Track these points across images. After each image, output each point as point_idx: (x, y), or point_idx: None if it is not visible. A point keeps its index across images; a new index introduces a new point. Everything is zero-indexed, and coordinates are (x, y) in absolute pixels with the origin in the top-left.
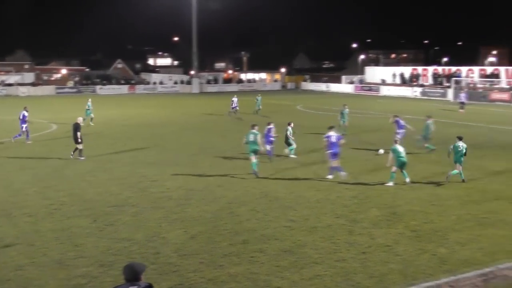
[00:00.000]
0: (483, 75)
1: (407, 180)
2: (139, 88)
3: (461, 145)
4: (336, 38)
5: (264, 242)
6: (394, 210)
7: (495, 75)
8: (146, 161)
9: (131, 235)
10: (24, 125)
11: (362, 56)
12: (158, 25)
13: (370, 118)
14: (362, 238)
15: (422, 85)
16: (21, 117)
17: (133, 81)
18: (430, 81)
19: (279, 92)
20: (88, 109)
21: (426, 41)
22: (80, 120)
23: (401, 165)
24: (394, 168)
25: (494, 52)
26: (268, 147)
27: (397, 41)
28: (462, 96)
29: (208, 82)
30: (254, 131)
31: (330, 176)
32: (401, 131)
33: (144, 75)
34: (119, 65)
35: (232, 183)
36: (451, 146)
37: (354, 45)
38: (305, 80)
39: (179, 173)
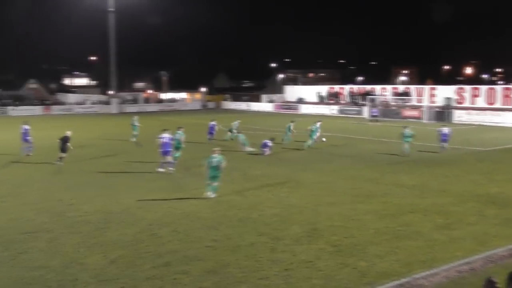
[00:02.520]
0: (396, 93)
1: (209, 194)
2: (55, 109)
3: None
4: (256, 57)
5: (187, 264)
6: (315, 226)
7: (406, 93)
8: (61, 184)
9: (46, 262)
10: None
11: (281, 75)
12: (74, 44)
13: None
14: (285, 255)
15: (339, 103)
16: None
17: (48, 102)
18: (346, 99)
19: (199, 111)
20: (134, 125)
21: (342, 61)
22: (69, 133)
23: (213, 178)
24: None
25: (405, 71)
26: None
27: (314, 61)
28: (374, 111)
29: (126, 102)
30: (215, 156)
31: (160, 170)
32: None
33: (60, 96)
34: (33, 85)
35: (152, 204)
36: None
37: (273, 65)
38: (225, 100)
39: (97, 195)
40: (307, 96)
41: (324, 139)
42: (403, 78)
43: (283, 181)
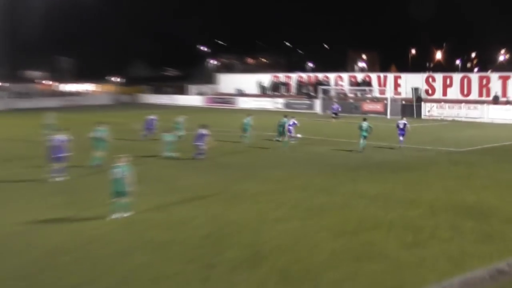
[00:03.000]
0: (354, 83)
1: (117, 215)
2: None
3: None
4: (182, 39)
5: None
6: (257, 249)
7: (367, 83)
8: None
9: None
10: None
11: (213, 62)
12: None
13: (228, 136)
14: (220, 286)
15: (285, 95)
16: None
17: None
18: (294, 90)
19: (111, 107)
20: (178, 125)
21: (288, 44)
22: None
23: (118, 194)
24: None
25: (364, 56)
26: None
27: (254, 44)
28: (335, 108)
29: (16, 95)
30: (120, 165)
31: (55, 178)
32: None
33: None
34: None
35: (51, 225)
36: None
37: (204, 48)
38: (143, 92)
39: None
40: (246, 87)
41: (299, 135)
42: (362, 64)
43: (218, 193)
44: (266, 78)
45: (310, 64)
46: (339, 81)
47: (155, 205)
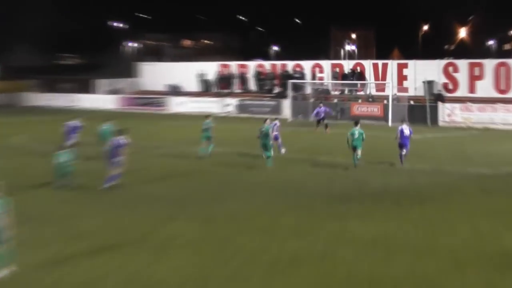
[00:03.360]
0: (339, 75)
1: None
2: None
3: None
4: (85, 14)
5: None
6: None
7: (358, 75)
8: None
9: None
10: None
11: (132, 45)
12: None
13: (157, 153)
14: None
15: (237, 93)
16: None
17: None
18: (253, 86)
19: None
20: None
21: (242, 18)
22: None
23: None
24: None
25: (354, 36)
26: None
27: (193, 19)
28: (321, 111)
29: None
30: None
31: None
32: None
33: None
34: None
35: None
36: None
37: (119, 25)
38: (28, 89)
39: None
40: (182, 82)
41: (283, 150)
42: (351, 47)
43: (140, 239)
44: (210, 69)
45: (275, 48)
46: (317, 72)
47: (45, 259)
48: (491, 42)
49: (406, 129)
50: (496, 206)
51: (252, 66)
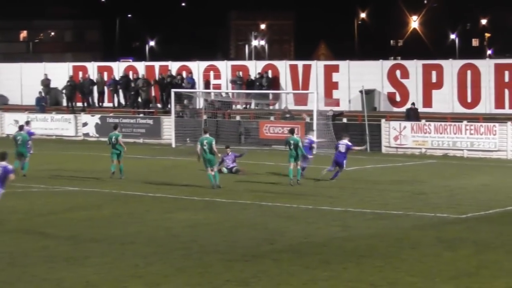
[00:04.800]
0: (243, 81)
1: None
2: None
3: None
4: None
5: None
6: None
7: (269, 81)
8: None
9: None
10: None
11: None
12: None
13: None
14: None
15: (93, 108)
16: None
17: None
18: (121, 98)
19: None
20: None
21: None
22: None
23: None
24: None
25: (264, 26)
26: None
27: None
28: (230, 159)
29: None
30: None
31: None
32: None
33: None
34: None
35: None
36: None
37: None
38: None
39: None
40: (11, 90)
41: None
42: (259, 43)
43: None
44: (58, 72)
45: (152, 44)
46: (212, 77)
47: None
48: (452, 36)
49: (342, 145)
50: (460, 265)
51: (118, 68)
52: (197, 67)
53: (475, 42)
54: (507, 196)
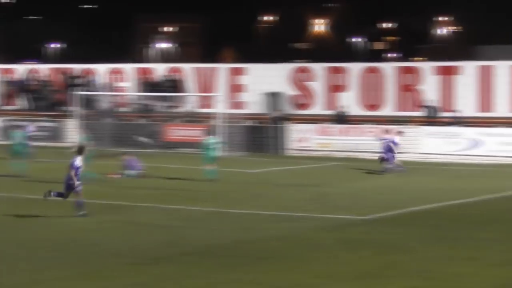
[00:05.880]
0: (148, 83)
1: None
2: None
3: None
4: None
5: None
6: None
7: (174, 83)
8: None
9: None
10: None
11: None
12: None
13: None
14: None
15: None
16: None
17: None
18: (26, 100)
19: None
20: None
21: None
22: None
23: None
24: None
25: (170, 29)
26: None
27: None
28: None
29: None
30: None
31: None
32: None
33: None
34: None
35: None
36: None
37: None
38: None
39: None
40: None
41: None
42: (165, 46)
43: None
44: None
45: (55, 46)
46: (116, 79)
47: None
48: (357, 39)
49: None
50: (363, 266)
51: (21, 70)
52: (103, 70)
53: (379, 46)
54: (408, 197)
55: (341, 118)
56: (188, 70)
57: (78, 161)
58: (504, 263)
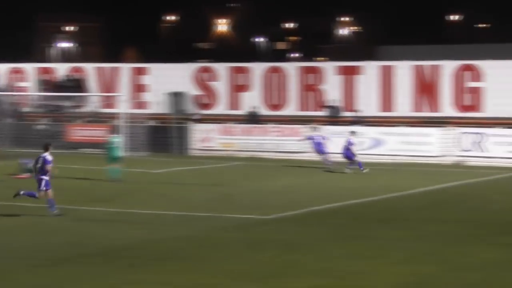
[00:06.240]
0: (50, 83)
1: None
2: None
3: None
4: None
5: None
6: None
7: (76, 83)
8: None
9: None
10: None
11: None
12: None
13: None
14: None
15: None
16: None
17: None
18: None
19: None
20: None
21: None
22: None
23: None
24: None
25: (70, 28)
26: None
27: None
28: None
29: None
30: None
31: None
32: None
33: None
34: None
35: None
36: None
37: None
38: None
39: None
40: None
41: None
42: (66, 45)
43: None
44: None
45: None
46: (17, 79)
47: None
48: (260, 39)
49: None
50: (266, 266)
51: None
52: (3, 70)
53: (280, 45)
54: (311, 197)
55: (253, 118)
56: (90, 69)
57: None
58: (404, 261)
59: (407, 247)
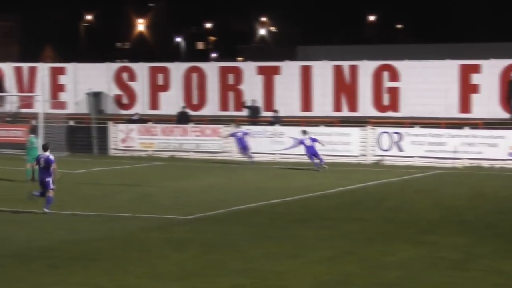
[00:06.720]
0: None
1: None
2: None
3: None
4: None
5: None
6: None
7: None
8: None
9: None
10: None
11: None
12: None
13: None
14: None
15: None
16: None
17: None
18: None
19: None
20: None
21: None
22: None
23: None
24: None
25: None
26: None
27: None
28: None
29: None
30: None
31: None
32: None
33: None
34: None
35: None
36: None
37: None
38: None
39: None
40: None
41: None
42: None
43: None
44: None
45: None
46: None
47: None
48: (179, 39)
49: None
50: (187, 266)
51: None
52: None
53: (200, 45)
54: (233, 196)
55: (183, 118)
56: (7, 69)
57: None
58: (325, 259)
59: (328, 246)
